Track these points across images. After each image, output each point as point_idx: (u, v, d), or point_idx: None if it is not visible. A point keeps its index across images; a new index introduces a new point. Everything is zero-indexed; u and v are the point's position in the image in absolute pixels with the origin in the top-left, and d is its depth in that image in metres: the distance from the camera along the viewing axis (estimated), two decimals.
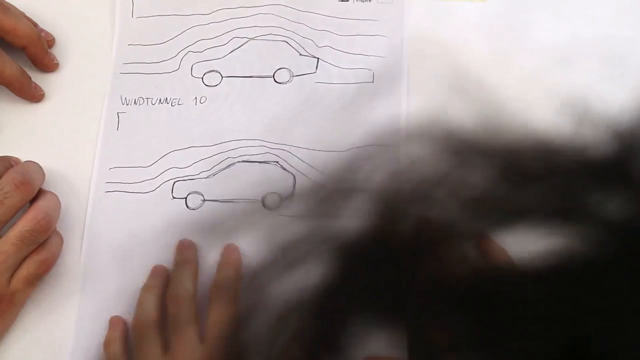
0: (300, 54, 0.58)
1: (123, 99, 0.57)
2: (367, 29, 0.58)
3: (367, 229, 0.29)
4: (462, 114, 0.55)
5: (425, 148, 0.27)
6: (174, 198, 0.54)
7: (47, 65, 0.58)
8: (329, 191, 0.47)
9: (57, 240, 0.51)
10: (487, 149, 0.27)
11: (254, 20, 0.59)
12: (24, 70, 0.56)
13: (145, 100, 0.57)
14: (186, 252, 0.52)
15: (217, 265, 0.51)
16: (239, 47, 0.58)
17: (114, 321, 0.51)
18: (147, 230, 0.53)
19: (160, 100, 0.57)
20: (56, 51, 0.59)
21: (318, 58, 0.58)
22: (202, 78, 0.57)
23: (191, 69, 0.58)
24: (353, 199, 0.33)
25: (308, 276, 0.29)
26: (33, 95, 0.57)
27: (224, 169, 0.55)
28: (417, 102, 0.56)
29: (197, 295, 0.50)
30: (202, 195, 0.54)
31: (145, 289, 0.51)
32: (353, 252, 0.29)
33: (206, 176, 0.55)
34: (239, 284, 0.50)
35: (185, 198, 0.54)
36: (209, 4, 0.59)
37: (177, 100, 0.57)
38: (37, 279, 0.50)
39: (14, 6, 0.57)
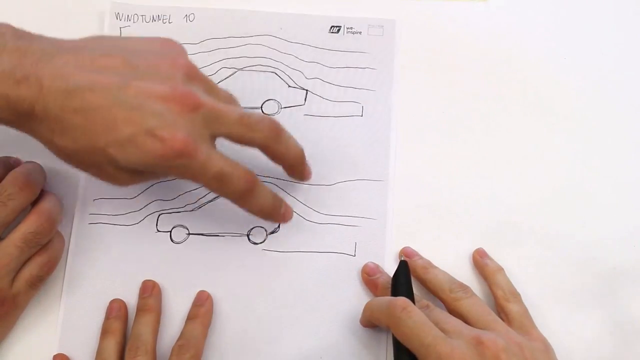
0: (289, 86, 0.57)
1: None
2: (357, 61, 0.58)
3: None
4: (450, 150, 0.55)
5: None
6: (158, 231, 0.53)
7: (305, 176, 0.53)
8: None
9: (59, 242, 0.51)
10: None
11: (242, 51, 0.58)
12: (276, 196, 0.51)
13: None
14: (149, 299, 0.51)
15: (187, 313, 0.51)
16: (227, 77, 0.58)
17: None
18: (131, 264, 0.52)
19: None
20: None
21: (307, 90, 0.57)
22: None
23: None
24: None
25: None
26: (281, 217, 0.51)
27: (210, 201, 0.54)
28: (407, 136, 0.56)
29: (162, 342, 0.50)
30: (187, 229, 0.53)
31: (105, 332, 0.50)
32: None
33: (191, 209, 0.54)
34: (204, 339, 0.49)
35: (170, 231, 0.53)
36: (197, 34, 0.59)
37: None
38: (39, 281, 0.49)
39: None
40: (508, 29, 0.60)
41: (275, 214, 0.50)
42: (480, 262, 0.52)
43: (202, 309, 0.50)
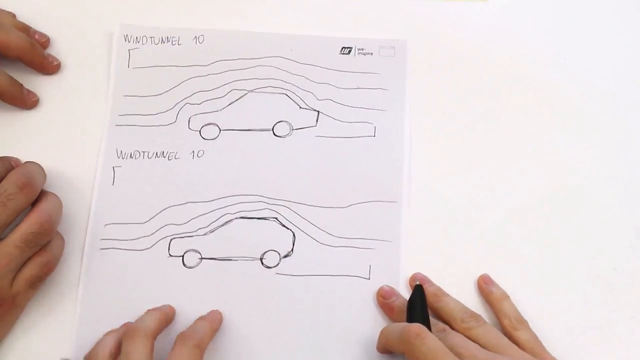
0: (300, 107, 0.57)
1: (119, 153, 0.56)
2: (369, 82, 0.57)
3: None
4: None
5: None
6: (171, 256, 0.53)
7: (47, 68, 0.58)
8: None
9: (59, 242, 0.50)
10: None
11: (253, 72, 0.58)
12: (13, 79, 0.55)
13: (142, 153, 0.56)
14: (162, 307, 0.51)
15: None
16: (238, 99, 0.57)
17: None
18: (143, 289, 0.52)
19: (157, 154, 0.56)
20: (51, 95, 0.58)
21: (318, 111, 0.57)
22: (200, 131, 0.56)
23: (188, 122, 0.57)
24: None
25: None
26: (25, 102, 0.56)
27: (222, 225, 0.53)
28: (420, 156, 0.55)
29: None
30: (200, 253, 0.53)
31: (110, 332, 0.50)
32: None
33: (203, 233, 0.53)
34: (209, 337, 0.48)
35: (182, 256, 0.52)
36: (207, 55, 0.58)
37: (175, 154, 0.55)
38: (39, 281, 0.49)
39: (2, 14, 0.57)
40: (507, 28, 0.60)
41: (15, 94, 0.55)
42: (486, 290, 0.51)
43: (213, 314, 0.50)
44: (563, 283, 0.52)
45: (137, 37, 0.59)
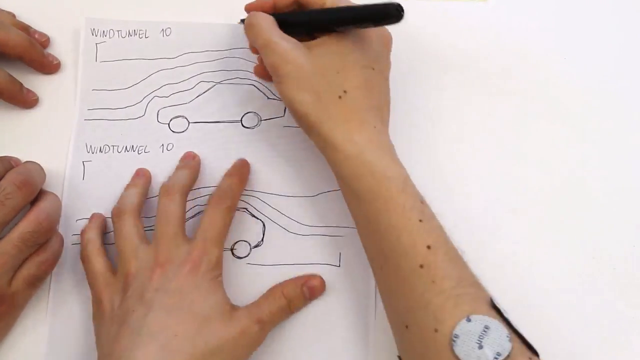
0: (268, 98, 0.57)
1: (88, 147, 0.56)
2: None
3: None
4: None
5: None
6: None
7: (47, 67, 0.58)
8: None
9: (57, 241, 0.51)
10: None
11: (220, 64, 0.58)
12: (13, 78, 0.56)
13: (112, 148, 0.56)
14: (189, 161, 0.54)
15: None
16: (206, 91, 0.57)
17: (95, 216, 0.53)
18: None
19: (126, 148, 0.56)
20: (51, 95, 0.58)
21: None
22: (169, 124, 0.56)
23: (157, 115, 0.57)
24: None
25: None
26: (25, 101, 0.57)
27: (192, 217, 0.54)
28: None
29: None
30: None
31: (129, 186, 0.53)
32: None
33: None
34: (238, 197, 0.52)
35: None
36: (174, 48, 0.59)
37: (144, 148, 0.56)
38: (38, 280, 0.50)
39: (2, 14, 0.57)
40: (507, 28, 0.60)
41: (14, 93, 0.56)
42: None
43: (242, 169, 0.54)
44: (563, 283, 0.52)
45: (103, 31, 0.59)
